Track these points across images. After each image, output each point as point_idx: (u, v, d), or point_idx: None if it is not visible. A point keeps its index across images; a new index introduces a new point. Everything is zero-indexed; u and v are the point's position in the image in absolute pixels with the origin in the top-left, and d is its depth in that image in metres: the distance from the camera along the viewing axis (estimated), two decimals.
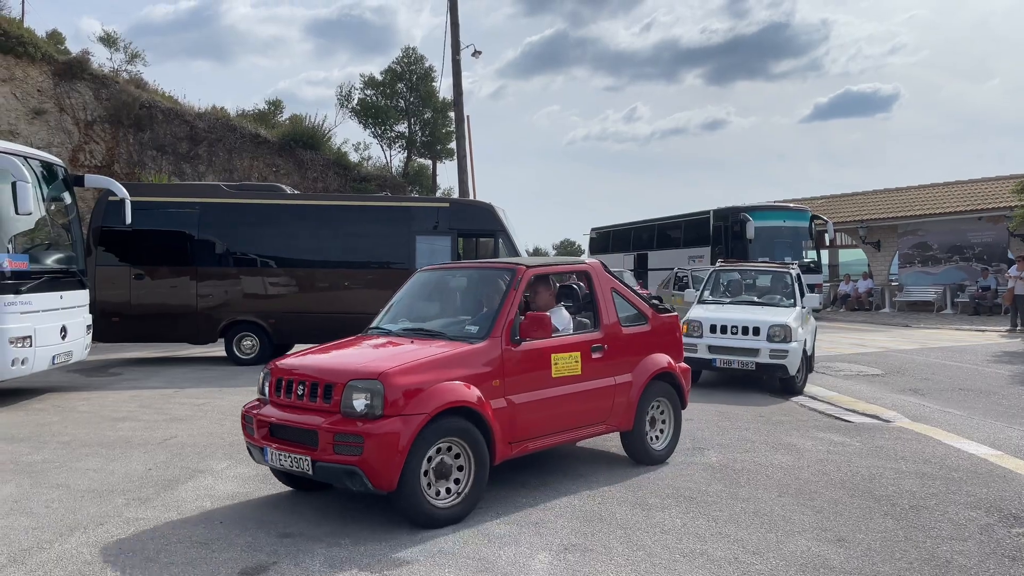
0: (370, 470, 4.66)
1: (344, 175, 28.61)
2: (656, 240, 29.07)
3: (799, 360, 10.03)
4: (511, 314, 5.56)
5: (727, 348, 10.32)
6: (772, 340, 10.00)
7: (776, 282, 11.82)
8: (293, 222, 14.16)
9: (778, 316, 10.41)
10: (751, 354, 10.12)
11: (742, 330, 10.25)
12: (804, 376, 10.43)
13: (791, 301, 11.11)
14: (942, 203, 27.05)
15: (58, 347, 10.10)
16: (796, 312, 10.70)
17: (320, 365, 5.33)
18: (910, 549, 4.58)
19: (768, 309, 10.89)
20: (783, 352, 9.93)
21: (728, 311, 10.92)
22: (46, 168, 10.52)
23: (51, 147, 21.01)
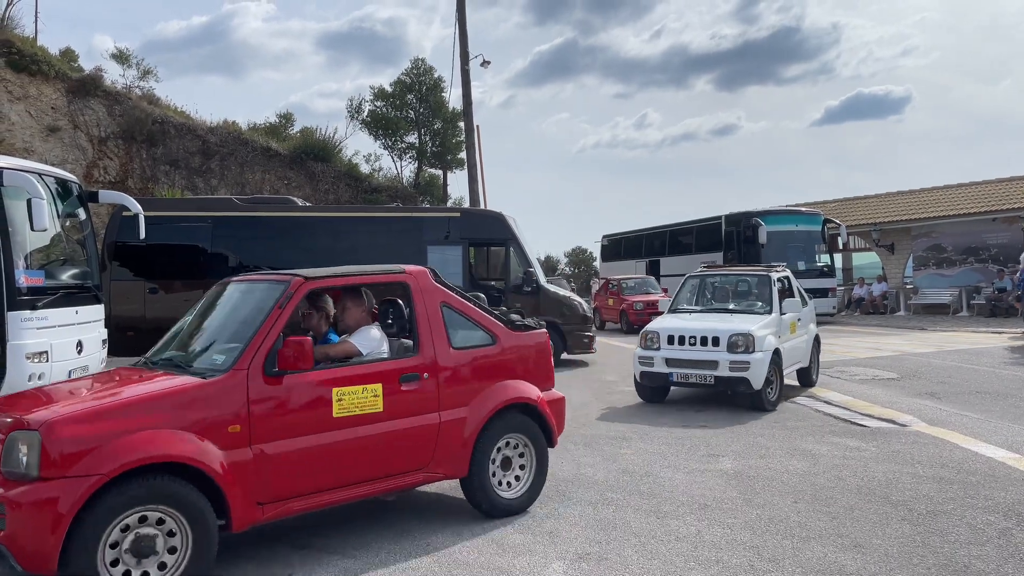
0: (17, 549, 3.68)
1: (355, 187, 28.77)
2: (668, 246, 29.00)
3: (764, 372, 8.98)
4: (269, 340, 4.48)
5: (685, 361, 9.32)
6: (733, 351, 8.99)
7: (756, 287, 10.58)
8: (305, 234, 14.24)
9: (743, 324, 9.37)
10: (710, 367, 9.11)
11: (700, 340, 9.27)
12: (778, 390, 9.36)
13: (767, 307, 9.96)
14: (956, 205, 26.86)
15: (74, 362, 10.17)
16: (769, 319, 9.62)
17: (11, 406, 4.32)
18: (928, 554, 4.54)
19: (738, 317, 9.86)
20: (744, 364, 8.92)
21: (691, 320, 9.92)
22: (61, 185, 10.62)
23: (65, 164, 21.24)
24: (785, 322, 9.89)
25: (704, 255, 26.14)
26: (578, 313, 14.62)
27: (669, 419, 8.85)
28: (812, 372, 11.03)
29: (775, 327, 9.52)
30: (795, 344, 10.19)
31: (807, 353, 10.73)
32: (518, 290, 14.39)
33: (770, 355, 9.05)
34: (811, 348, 10.88)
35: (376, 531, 5.12)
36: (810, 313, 11.24)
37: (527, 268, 14.54)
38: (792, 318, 10.13)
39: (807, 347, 10.74)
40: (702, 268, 12.00)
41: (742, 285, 10.96)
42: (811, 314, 11.36)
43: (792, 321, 10.11)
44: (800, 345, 10.45)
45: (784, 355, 9.54)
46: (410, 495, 5.93)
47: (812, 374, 11.02)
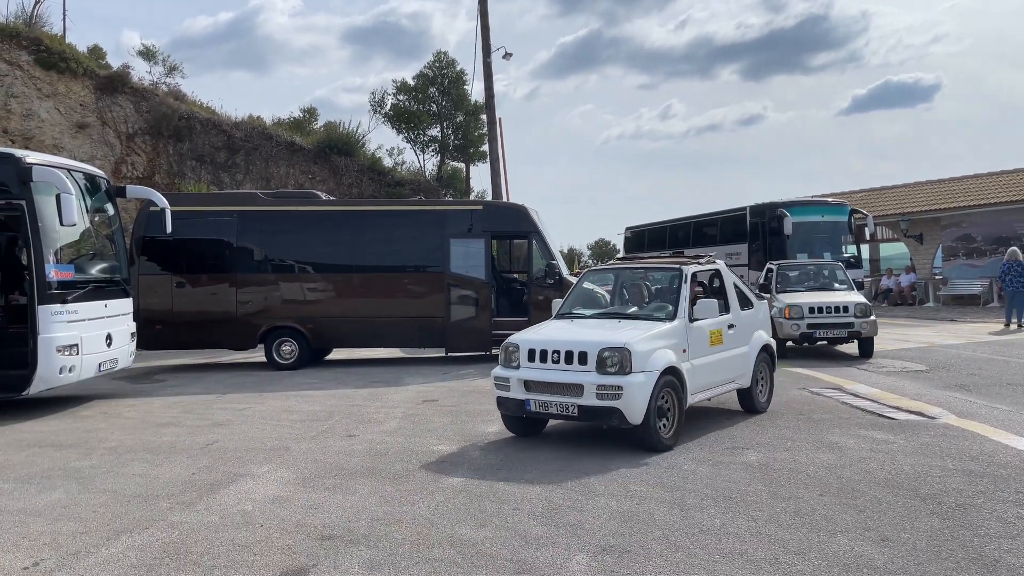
0: None
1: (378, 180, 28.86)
2: (692, 238, 28.78)
3: (645, 401, 6.69)
4: None
5: (544, 384, 7.07)
6: (602, 370, 6.79)
7: (665, 285, 8.35)
8: (329, 228, 14.33)
9: (620, 333, 7.15)
10: (573, 393, 6.87)
11: (565, 356, 7.02)
12: (675, 424, 7.13)
13: (671, 312, 7.65)
14: (986, 194, 26.40)
15: (104, 355, 10.34)
16: (665, 328, 7.34)
17: None
18: (957, 548, 4.48)
19: (628, 324, 7.55)
20: (614, 390, 6.66)
21: (564, 329, 7.63)
22: (89, 180, 10.79)
23: (94, 160, 21.52)
24: (698, 331, 7.73)
25: (729, 247, 25.93)
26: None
27: (693, 412, 8.79)
28: (758, 394, 8.74)
29: (674, 338, 7.34)
30: (720, 360, 8.03)
31: (746, 370, 8.54)
32: (541, 282, 14.38)
33: (656, 377, 6.80)
34: (755, 363, 8.67)
35: (400, 522, 5.14)
36: (755, 319, 8.98)
37: (550, 260, 14.52)
38: (711, 325, 7.93)
39: (746, 362, 8.54)
40: (615, 260, 10.70)
41: (654, 283, 8.64)
42: (758, 320, 9.08)
43: (714, 329, 7.99)
44: (730, 360, 8.26)
45: (695, 375, 7.46)
46: (434, 486, 5.96)
47: (758, 397, 8.74)
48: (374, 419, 8.98)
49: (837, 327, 13.27)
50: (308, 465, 6.78)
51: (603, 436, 7.56)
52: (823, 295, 14.04)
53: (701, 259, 8.61)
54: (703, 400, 8.03)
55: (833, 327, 13.28)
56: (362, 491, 5.91)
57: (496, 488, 5.90)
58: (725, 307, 8.32)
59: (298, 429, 8.44)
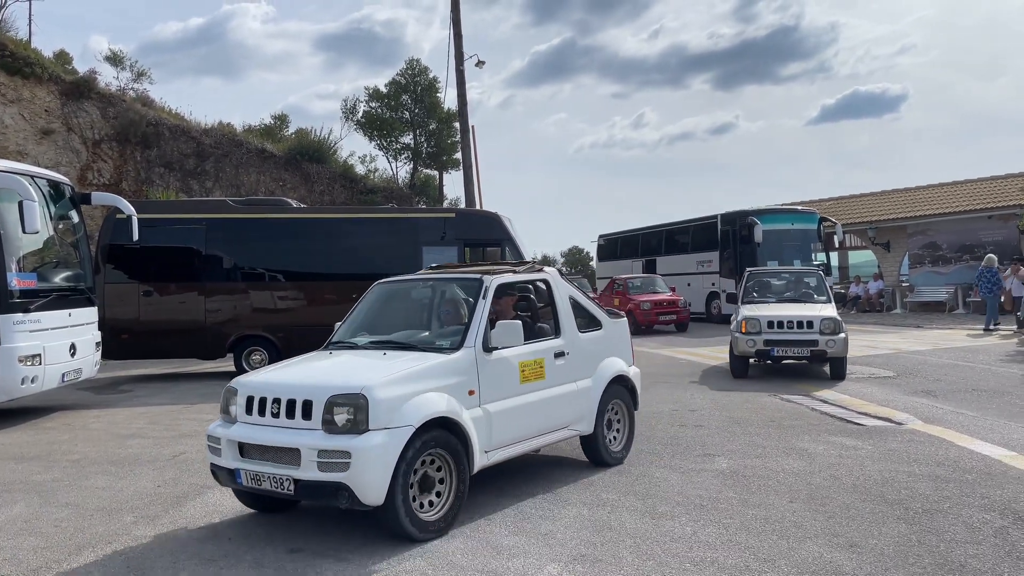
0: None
1: (351, 187, 28.71)
2: (664, 246, 28.99)
3: (386, 472, 4.73)
4: None
5: (259, 448, 5.05)
6: (331, 428, 4.83)
7: (460, 301, 6.23)
8: (300, 236, 14.22)
9: (362, 374, 5.12)
10: (289, 461, 4.85)
11: (286, 407, 5.03)
12: (448, 501, 5.14)
13: (455, 340, 5.68)
14: (951, 202, 26.90)
15: (67, 365, 10.15)
16: (437, 363, 5.37)
17: None
18: (923, 553, 4.52)
19: (390, 357, 5.56)
20: (339, 458, 4.71)
21: (301, 367, 5.72)
22: (53, 187, 10.60)
23: (59, 166, 21.17)
24: (499, 364, 5.70)
25: (700, 254, 26.17)
26: None
27: (665, 419, 8.83)
28: (605, 442, 6.72)
29: (454, 376, 5.36)
30: (539, 400, 5.99)
31: (587, 411, 6.49)
32: None
33: (408, 435, 4.82)
34: (602, 401, 6.63)
35: (369, 534, 5.09)
36: (605, 343, 6.91)
37: None
38: (522, 355, 5.93)
39: (587, 401, 6.50)
40: (427, 270, 7.63)
41: (447, 299, 6.46)
42: (611, 344, 6.99)
43: (528, 360, 5.98)
44: (558, 400, 6.19)
45: (492, 425, 5.53)
46: None
47: (607, 445, 6.72)
48: None
49: (798, 344, 11.52)
50: None
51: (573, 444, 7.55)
52: (788, 307, 12.34)
53: (521, 265, 6.80)
54: (518, 454, 5.92)
55: (794, 344, 11.55)
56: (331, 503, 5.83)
57: (468, 499, 5.84)
58: (554, 329, 6.40)
59: None
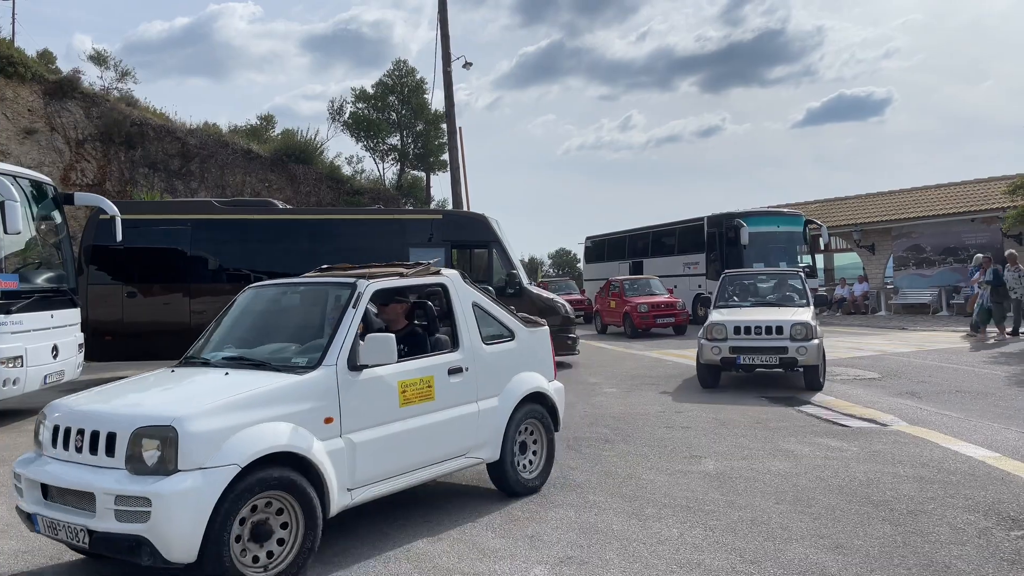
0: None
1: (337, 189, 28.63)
2: (651, 248, 29.07)
3: (198, 525, 3.91)
4: None
5: (59, 491, 4.25)
6: (136, 466, 4.00)
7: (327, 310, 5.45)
8: (286, 237, 14.14)
9: (178, 404, 4.26)
10: (85, 506, 4.07)
11: (90, 441, 4.21)
12: (291, 551, 4.30)
13: (312, 357, 4.81)
14: (935, 205, 27.12)
15: (50, 366, 10.04)
16: (285, 384, 4.53)
17: None
18: (908, 554, 4.54)
19: (232, 378, 4.71)
20: (139, 506, 3.90)
21: (126, 389, 5.09)
22: (35, 187, 10.49)
23: (42, 166, 20.98)
24: (369, 385, 4.88)
25: (687, 256, 26.25)
26: (561, 315, 14.61)
27: (652, 421, 8.83)
28: (515, 468, 5.86)
29: (306, 400, 4.52)
30: (424, 426, 5.17)
31: (491, 435, 5.67)
32: (501, 292, 14.35)
33: (230, 476, 4.00)
34: (513, 424, 5.83)
35: (355, 536, 5.06)
36: (517, 356, 6.07)
37: (510, 270, 14.52)
38: (403, 373, 5.12)
39: (491, 424, 5.67)
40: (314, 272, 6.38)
41: (313, 307, 5.72)
42: (524, 357, 6.14)
43: (411, 379, 5.17)
44: (450, 425, 5.37)
45: (359, 458, 4.73)
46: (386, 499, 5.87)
47: (517, 472, 5.87)
48: None
49: (766, 352, 10.62)
50: None
51: (561, 446, 7.54)
52: (760, 312, 11.55)
53: (409, 268, 5.85)
54: (397, 490, 5.10)
55: (761, 352, 10.65)
56: None
57: (454, 501, 5.84)
58: (452, 341, 5.62)
59: None
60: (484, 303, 6.00)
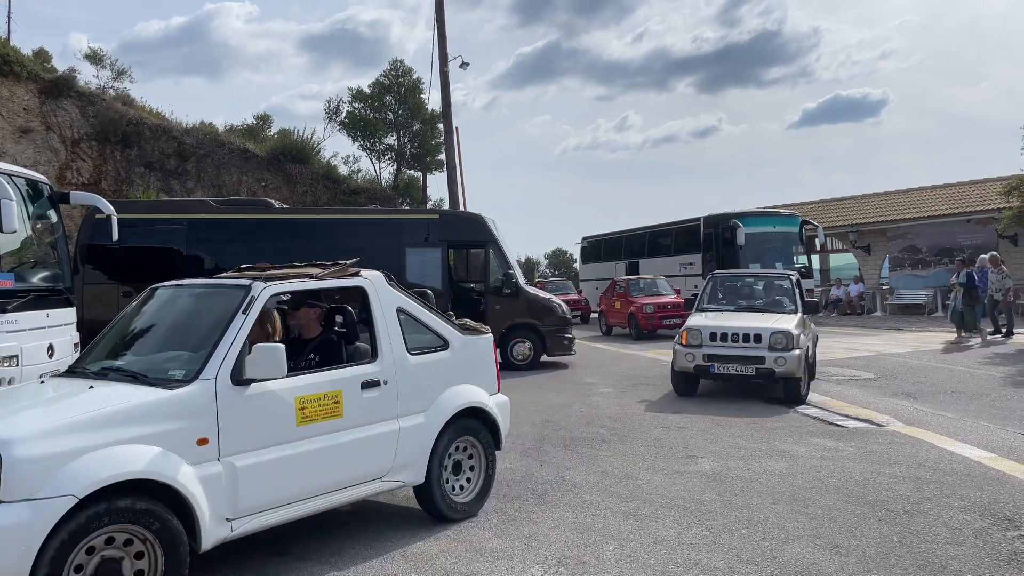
0: None
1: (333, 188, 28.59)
2: (647, 248, 29.09)
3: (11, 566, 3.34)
4: None
5: None
6: None
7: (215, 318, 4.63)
8: (282, 237, 14.11)
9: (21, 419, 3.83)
10: None
11: None
12: None
13: (194, 368, 4.27)
14: (931, 206, 27.17)
15: (45, 366, 10.00)
16: (152, 400, 4.01)
17: None
18: (905, 554, 4.55)
19: (96, 390, 4.22)
20: None
21: None
22: (30, 186, 10.45)
23: (38, 165, 20.92)
24: (257, 401, 4.34)
25: (683, 257, 26.28)
26: (557, 315, 14.61)
27: (648, 421, 8.84)
28: (443, 491, 5.30)
29: (177, 419, 4.03)
30: (332, 447, 4.62)
31: (414, 455, 5.10)
32: (498, 292, 14.36)
33: (63, 512, 3.48)
34: (442, 443, 5.26)
35: (353, 536, 5.05)
36: (449, 368, 5.47)
37: (507, 270, 14.52)
38: (302, 389, 4.56)
39: (412, 444, 5.08)
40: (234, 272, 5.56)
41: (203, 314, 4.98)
42: (457, 369, 5.54)
43: (312, 395, 4.57)
44: (361, 444, 4.79)
45: (240, 484, 4.18)
46: (385, 498, 5.86)
47: (447, 496, 5.34)
48: None
49: (742, 361, 9.84)
50: None
51: (559, 447, 7.54)
52: (741, 317, 10.66)
53: (325, 268, 5.25)
54: (292, 519, 4.52)
55: (736, 360, 9.88)
56: None
57: None
58: (370, 351, 5.06)
59: None
60: (412, 309, 5.41)
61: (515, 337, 14.30)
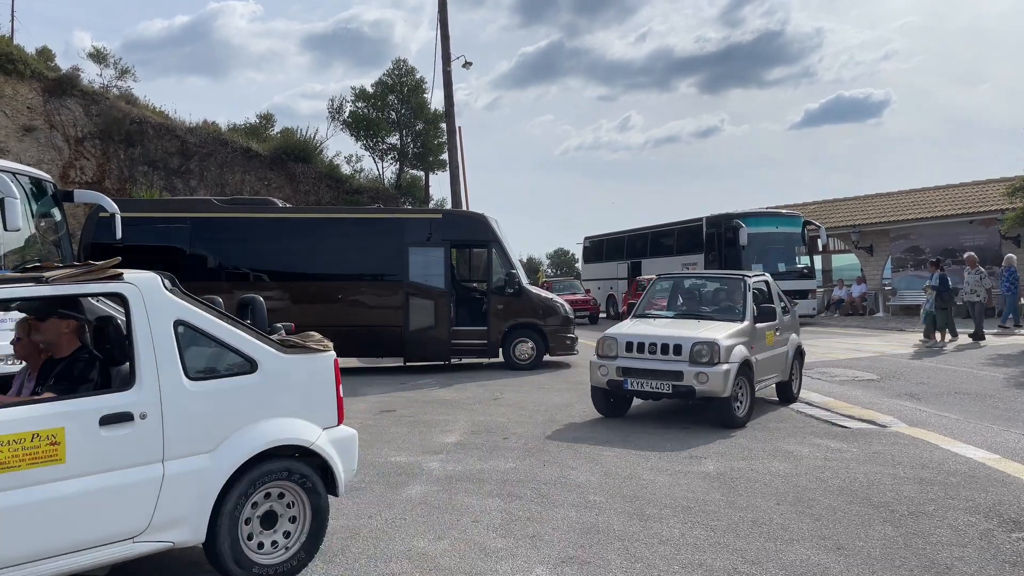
0: None
1: (336, 188, 28.60)
2: (649, 248, 29.08)
3: None
4: None
5: None
6: None
7: None
8: (285, 236, 14.13)
9: None
10: None
11: None
12: None
13: None
14: (934, 207, 27.13)
15: None
16: None
17: None
18: (910, 556, 4.54)
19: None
20: None
21: None
22: (35, 184, 10.47)
23: (41, 164, 20.94)
24: None
25: (685, 256, 26.25)
26: (560, 315, 14.61)
27: (651, 422, 8.83)
28: (243, 549, 4.23)
29: None
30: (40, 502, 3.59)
31: (188, 509, 4.07)
32: (500, 291, 14.37)
33: None
34: (225, 492, 4.16)
35: (356, 535, 5.05)
36: (247, 396, 4.35)
37: (509, 270, 14.52)
38: None
39: (188, 494, 4.06)
40: None
41: None
42: (270, 396, 4.44)
43: (20, 433, 3.57)
44: (96, 499, 3.76)
45: None
46: (383, 500, 5.87)
47: (247, 555, 4.24)
48: None
49: (658, 376, 8.36)
50: None
51: (562, 446, 7.54)
52: (673, 325, 9.06)
53: (65, 268, 4.19)
54: None
55: (652, 376, 8.40)
56: None
57: (454, 500, 5.83)
58: (129, 376, 4.06)
59: None
60: (201, 321, 4.27)
61: (517, 337, 14.31)
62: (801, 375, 10.49)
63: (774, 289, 10.16)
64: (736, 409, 8.36)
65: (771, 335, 9.46)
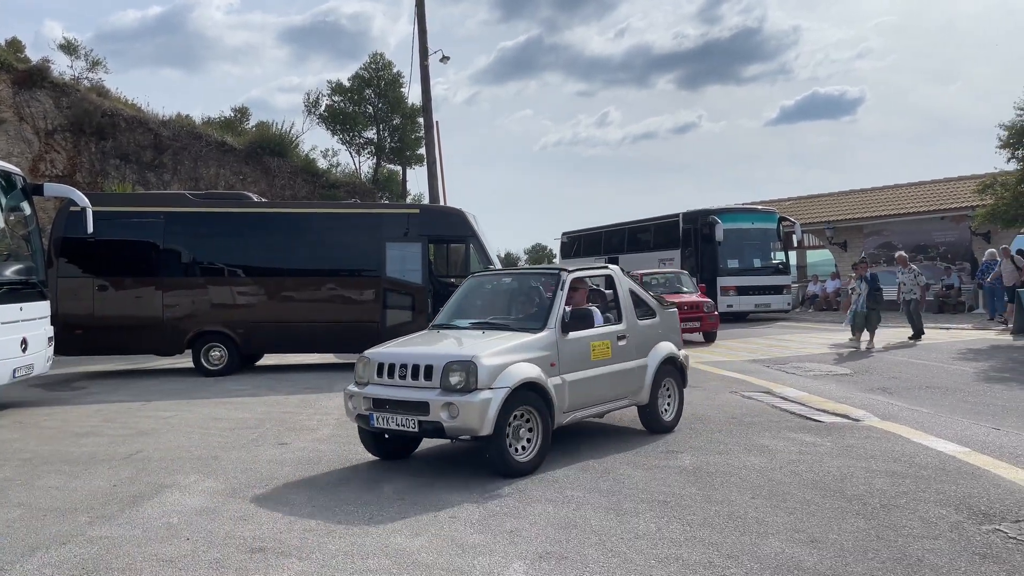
0: None
1: (313, 182, 28.39)
2: (626, 243, 29.21)
3: None
4: None
5: None
6: None
7: None
8: (261, 231, 14.01)
9: None
10: None
11: None
12: None
13: None
14: (906, 203, 27.51)
15: (19, 360, 9.87)
16: None
17: None
18: (882, 548, 4.60)
19: None
20: None
21: None
22: (4, 177, 10.30)
23: (10, 157, 20.57)
24: None
25: (662, 252, 26.41)
26: None
27: (627, 416, 8.86)
28: None
29: None
30: None
31: None
32: None
33: None
34: None
35: (332, 532, 5.03)
36: None
37: (487, 265, 14.50)
38: None
39: None
40: None
41: None
42: None
43: None
44: None
45: None
46: (363, 495, 5.85)
47: None
48: (306, 426, 8.79)
49: (403, 409, 6.30)
50: (237, 475, 6.58)
51: None
52: (443, 338, 7.22)
53: None
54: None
55: (398, 408, 6.33)
56: (294, 501, 5.76)
57: (432, 496, 5.82)
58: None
59: (227, 437, 8.19)
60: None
61: None
62: (681, 394, 8.30)
63: (624, 285, 7.99)
64: (514, 451, 6.34)
65: (603, 346, 7.37)
